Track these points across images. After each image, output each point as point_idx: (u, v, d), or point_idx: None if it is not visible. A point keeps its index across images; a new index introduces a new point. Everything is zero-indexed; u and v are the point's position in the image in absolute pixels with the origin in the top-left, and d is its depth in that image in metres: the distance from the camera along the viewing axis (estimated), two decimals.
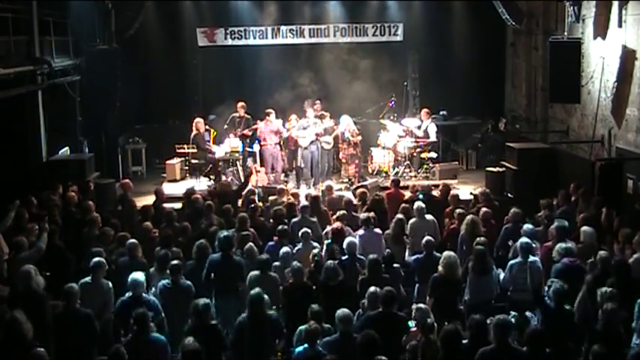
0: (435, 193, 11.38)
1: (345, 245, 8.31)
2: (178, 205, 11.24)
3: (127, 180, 11.86)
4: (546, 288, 7.13)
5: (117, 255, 8.49)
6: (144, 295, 7.01)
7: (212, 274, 7.92)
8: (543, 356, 5.94)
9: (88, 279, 7.45)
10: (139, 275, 7.07)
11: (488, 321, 6.45)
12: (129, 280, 7.04)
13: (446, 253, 7.82)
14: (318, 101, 15.21)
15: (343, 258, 8.13)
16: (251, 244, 8.45)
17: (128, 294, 7.04)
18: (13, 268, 7.98)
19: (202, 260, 8.08)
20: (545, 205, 9.99)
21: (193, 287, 7.52)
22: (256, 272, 7.72)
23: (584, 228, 8.59)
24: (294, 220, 9.72)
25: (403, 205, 10.27)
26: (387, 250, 8.55)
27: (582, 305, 6.97)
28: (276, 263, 8.20)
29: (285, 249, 8.39)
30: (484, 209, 9.67)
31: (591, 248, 8.16)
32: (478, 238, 8.44)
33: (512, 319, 6.74)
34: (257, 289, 6.65)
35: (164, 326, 6.92)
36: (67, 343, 6.64)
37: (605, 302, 6.31)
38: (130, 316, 6.30)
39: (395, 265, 8.23)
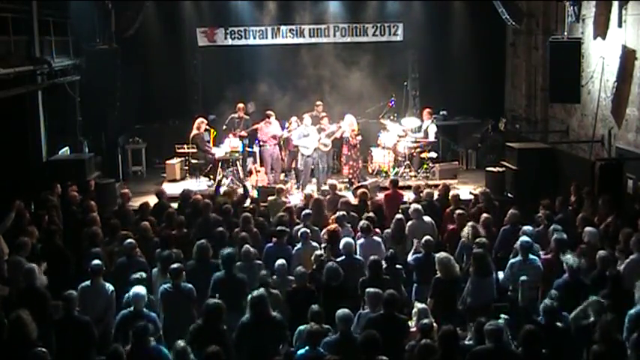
0: (435, 193, 11.32)
1: (341, 246, 8.29)
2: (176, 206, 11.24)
3: (127, 190, 11.65)
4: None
5: (116, 255, 8.47)
6: (145, 310, 6.86)
7: (217, 294, 7.67)
8: (539, 356, 5.94)
9: (87, 283, 7.41)
10: (140, 289, 6.92)
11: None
12: (130, 294, 6.90)
13: (438, 255, 7.83)
14: (319, 102, 15.21)
15: (340, 259, 8.12)
16: (247, 246, 8.32)
17: (129, 308, 6.89)
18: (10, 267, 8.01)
19: (203, 261, 8.05)
20: (545, 205, 9.98)
21: (195, 290, 7.47)
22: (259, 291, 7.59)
23: (588, 229, 8.61)
24: (296, 228, 9.54)
25: (403, 206, 10.27)
26: (390, 251, 8.52)
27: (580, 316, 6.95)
28: (274, 277, 8.00)
29: (280, 261, 8.14)
30: (484, 215, 9.57)
31: (594, 248, 8.15)
32: (478, 239, 8.45)
33: (501, 322, 6.72)
34: (260, 290, 6.55)
35: (162, 342, 6.85)
36: (66, 349, 6.62)
37: (595, 312, 6.33)
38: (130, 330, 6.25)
39: (398, 265, 8.23)
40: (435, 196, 10.97)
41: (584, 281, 7.52)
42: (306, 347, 6.07)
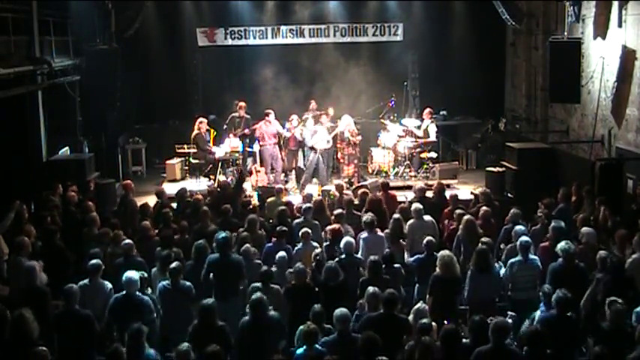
0: (429, 194, 11.32)
1: (342, 245, 8.29)
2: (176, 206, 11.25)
3: (129, 181, 11.83)
4: (546, 289, 7.13)
5: (114, 255, 8.47)
6: (137, 293, 6.98)
7: (211, 275, 7.90)
8: (544, 356, 5.94)
9: (86, 281, 7.43)
10: (133, 274, 7.06)
11: (489, 321, 6.45)
12: (123, 278, 7.04)
13: (441, 252, 7.83)
14: (312, 101, 15.29)
15: (341, 257, 8.12)
16: (247, 245, 8.39)
17: (122, 292, 7.03)
18: (11, 268, 8.00)
19: (201, 261, 8.06)
20: (546, 204, 9.98)
21: (194, 289, 7.49)
22: (258, 284, 7.62)
23: (585, 229, 8.59)
24: (296, 221, 9.70)
25: (401, 205, 10.26)
26: (386, 250, 8.53)
27: (588, 304, 6.95)
28: (273, 268, 8.14)
29: (281, 253, 8.30)
30: (484, 208, 9.66)
31: (592, 249, 8.15)
32: (483, 238, 8.46)
33: (510, 320, 6.75)
34: (258, 293, 6.62)
35: (155, 328, 6.87)
36: (67, 343, 6.64)
37: (613, 305, 6.30)
38: (122, 313, 6.34)
39: (395, 265, 8.23)
40: (430, 195, 11.02)
41: (580, 265, 7.56)
42: (304, 346, 6.09)
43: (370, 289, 6.85)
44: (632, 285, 7.08)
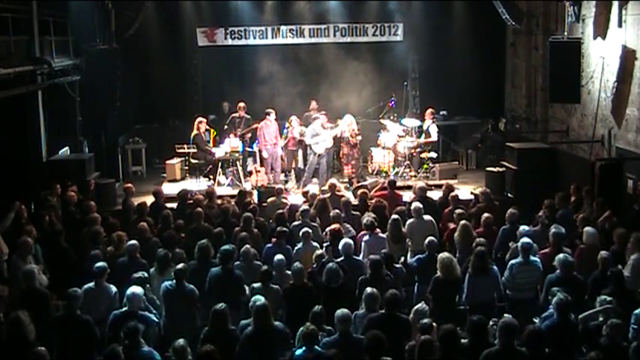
0: (433, 194, 11.31)
1: (340, 247, 8.28)
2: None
3: (130, 184, 11.77)
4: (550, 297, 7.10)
5: (115, 255, 8.46)
6: (139, 311, 6.85)
7: (212, 289, 7.78)
8: (542, 356, 5.93)
9: (91, 284, 7.39)
10: (137, 289, 6.92)
11: (491, 322, 6.45)
12: (127, 293, 6.90)
13: (440, 255, 7.83)
14: (312, 101, 15.27)
15: (339, 259, 8.10)
16: (247, 246, 8.35)
17: (124, 308, 6.91)
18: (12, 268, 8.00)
19: (204, 261, 8.05)
20: (547, 205, 9.98)
21: (197, 291, 7.46)
22: (258, 284, 7.63)
23: (587, 229, 8.57)
24: (295, 223, 9.65)
25: (398, 206, 10.26)
26: (384, 250, 8.52)
27: (587, 316, 6.94)
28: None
29: (279, 256, 8.26)
30: (486, 214, 9.57)
31: (594, 249, 8.14)
32: (478, 239, 8.45)
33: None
34: (262, 300, 6.57)
35: (159, 336, 6.83)
36: (66, 347, 6.62)
37: (605, 315, 6.32)
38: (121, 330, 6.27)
39: (396, 265, 8.22)
40: (438, 197, 11.02)
41: (578, 277, 7.54)
42: (303, 347, 6.08)
43: (368, 289, 6.85)
44: (634, 300, 7.04)
